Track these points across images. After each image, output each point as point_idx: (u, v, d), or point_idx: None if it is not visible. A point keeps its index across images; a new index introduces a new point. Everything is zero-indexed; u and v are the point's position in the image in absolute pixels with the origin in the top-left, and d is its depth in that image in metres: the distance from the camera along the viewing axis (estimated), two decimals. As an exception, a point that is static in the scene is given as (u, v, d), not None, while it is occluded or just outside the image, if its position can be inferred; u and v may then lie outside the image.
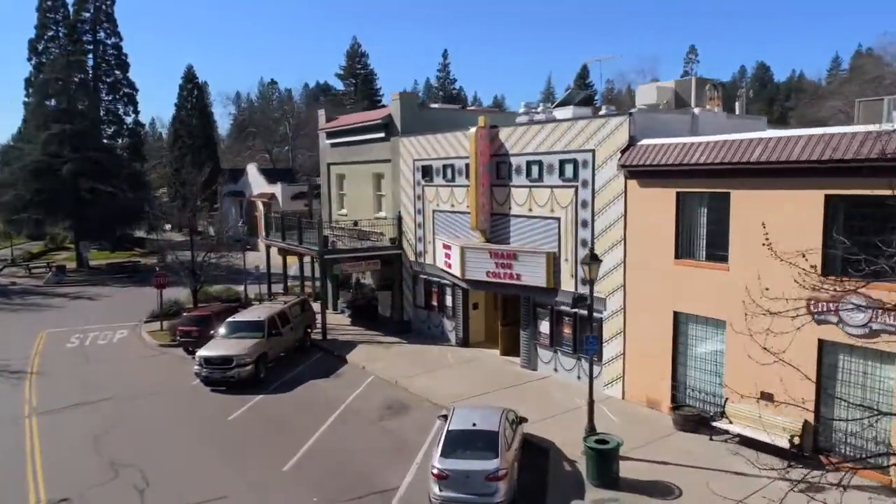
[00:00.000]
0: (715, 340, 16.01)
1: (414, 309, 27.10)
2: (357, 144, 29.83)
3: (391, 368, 22.17)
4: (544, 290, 20.23)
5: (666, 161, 16.14)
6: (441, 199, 24.75)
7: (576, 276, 19.33)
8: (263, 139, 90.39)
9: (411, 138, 26.06)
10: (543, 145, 19.94)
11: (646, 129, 17.49)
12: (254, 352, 21.32)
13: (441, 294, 25.35)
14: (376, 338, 26.36)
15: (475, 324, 24.70)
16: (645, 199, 17.11)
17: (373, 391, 20.30)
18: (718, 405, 15.89)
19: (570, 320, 19.73)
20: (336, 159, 32.04)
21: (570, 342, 19.76)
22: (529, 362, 21.30)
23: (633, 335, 17.75)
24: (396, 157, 27.15)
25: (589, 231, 18.77)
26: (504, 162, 21.53)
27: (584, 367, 19.29)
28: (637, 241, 17.35)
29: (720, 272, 15.51)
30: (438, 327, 25.79)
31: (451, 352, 23.82)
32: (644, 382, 17.62)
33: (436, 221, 25.18)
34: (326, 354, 24.71)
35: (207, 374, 20.95)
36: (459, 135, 23.40)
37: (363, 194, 30.11)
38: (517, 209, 21.20)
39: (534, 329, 21.02)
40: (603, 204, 18.24)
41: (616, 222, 17.90)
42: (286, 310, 24.36)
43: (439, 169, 24.65)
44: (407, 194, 26.76)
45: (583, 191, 18.83)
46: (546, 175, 19.97)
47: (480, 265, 21.55)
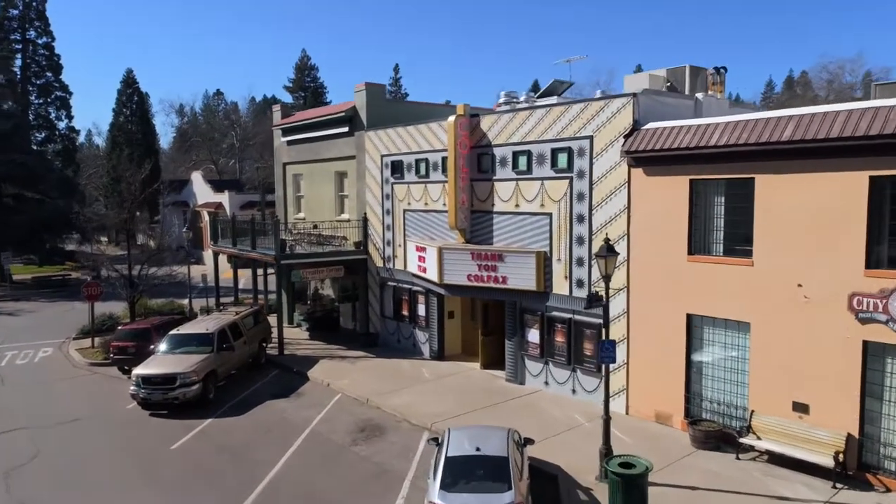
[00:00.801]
0: (736, 345, 14.22)
1: (381, 320, 24.67)
2: (317, 141, 27.37)
3: (360, 385, 19.68)
4: (534, 295, 18.19)
5: (678, 145, 14.38)
6: (413, 197, 22.53)
7: (570, 277, 17.36)
8: (209, 150, 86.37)
9: (379, 132, 23.81)
10: (533, 133, 18.01)
11: (649, 113, 15.75)
12: (201, 368, 18.51)
13: (412, 302, 23.04)
14: (339, 352, 23.80)
15: (451, 335, 22.45)
16: (652, 189, 15.31)
17: (341, 411, 17.76)
18: (742, 419, 14.07)
19: (563, 327, 17.71)
20: (293, 158, 29.46)
21: (564, 352, 17.73)
22: (516, 376, 19.16)
23: (639, 342, 15.85)
24: (362, 153, 24.83)
25: (586, 227, 16.86)
26: (486, 154, 19.51)
27: (580, 380, 17.29)
28: (643, 236, 15.52)
29: (742, 268, 13.77)
30: (409, 339, 23.42)
31: (426, 366, 21.48)
32: (652, 395, 15.69)
33: (407, 222, 22.92)
34: (284, 371, 22.02)
35: (146, 395, 18.03)
36: (435, 126, 21.30)
37: (323, 196, 27.61)
38: (501, 205, 19.16)
39: (521, 338, 18.93)
40: (602, 196, 16.37)
41: (618, 216, 16.05)
42: (238, 321, 21.59)
43: (411, 164, 22.45)
44: (374, 194, 24.43)
45: (578, 182, 16.94)
46: (536, 166, 18.02)
47: (461, 268, 19.38)
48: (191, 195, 59.93)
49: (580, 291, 17.10)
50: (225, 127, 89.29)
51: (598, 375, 16.90)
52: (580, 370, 17.39)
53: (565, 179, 17.25)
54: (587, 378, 17.24)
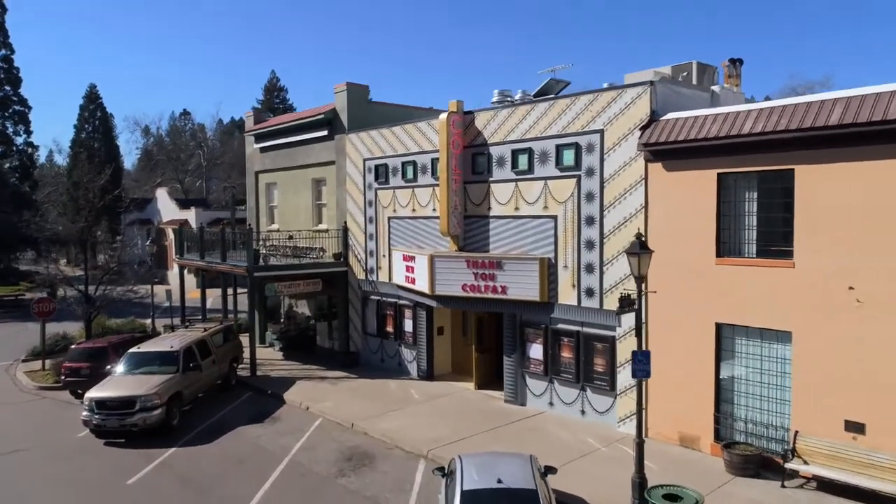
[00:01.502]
0: (775, 357, 12.71)
1: (363, 337, 22.74)
2: (293, 147, 25.55)
3: (343, 408, 17.71)
4: (537, 306, 16.54)
5: (705, 135, 12.98)
6: (399, 203, 20.82)
7: (578, 286, 15.76)
8: (175, 168, 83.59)
9: (361, 134, 22.13)
10: (534, 129, 16.51)
11: (665, 104, 14.39)
12: (165, 391, 16.37)
13: (398, 318, 21.20)
14: (318, 372, 21.78)
15: (441, 352, 20.64)
16: (673, 186, 13.86)
17: (323, 438, 15.77)
18: (783, 441, 12.52)
19: (570, 341, 16.06)
20: (266, 166, 27.55)
21: (572, 369, 16.06)
22: (516, 396, 17.40)
23: (659, 356, 14.22)
24: (342, 157, 23.09)
25: (596, 229, 15.33)
26: (482, 153, 17.95)
27: (590, 400, 15.62)
28: (662, 237, 14.02)
29: (781, 270, 12.33)
30: (394, 358, 21.53)
31: (414, 386, 19.59)
32: (675, 415, 14.08)
33: (392, 230, 21.17)
34: (258, 394, 19.91)
35: (100, 421, 15.83)
36: (424, 125, 19.71)
37: (299, 205, 25.73)
38: (499, 209, 17.55)
39: (521, 355, 17.22)
40: (615, 195, 14.89)
41: (633, 216, 14.55)
42: (207, 338, 19.48)
43: (397, 168, 20.78)
44: (355, 201, 22.66)
45: (587, 181, 15.44)
46: (538, 165, 16.50)
47: (455, 277, 17.66)
48: (155, 212, 57.38)
49: (590, 301, 15.51)
50: (191, 148, 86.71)
51: (611, 394, 15.25)
52: (590, 389, 15.72)
53: (572, 178, 15.74)
54: (599, 397, 15.57)
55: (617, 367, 15.07)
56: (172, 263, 52.16)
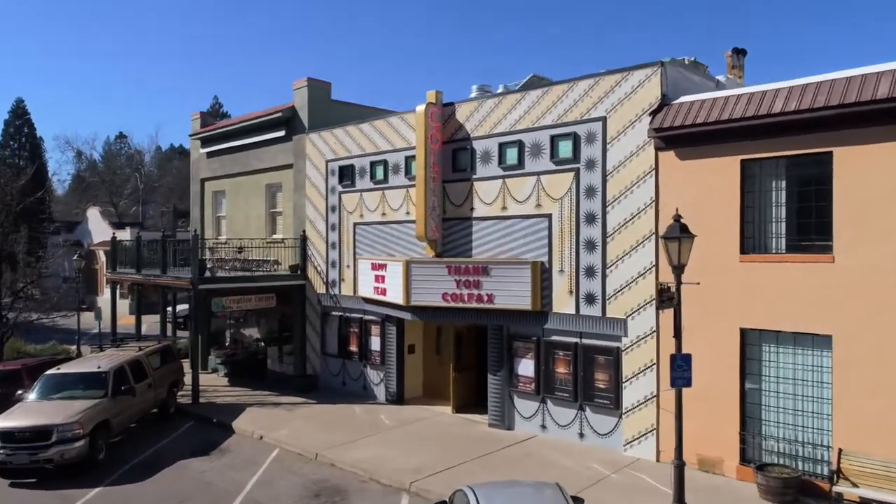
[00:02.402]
0: (812, 365, 11.24)
1: (322, 358, 20.39)
2: (245, 150, 23.28)
3: (303, 437, 15.33)
4: (528, 315, 14.75)
5: (729, 116, 11.62)
6: (367, 207, 18.82)
7: (577, 292, 14.07)
8: (108, 191, 78.90)
9: (324, 133, 20.14)
10: (525, 120, 14.94)
11: (676, 89, 13.06)
12: (88, 419, 13.69)
13: (364, 335, 19.01)
14: (270, 398, 19.27)
15: (412, 373, 18.52)
16: (688, 176, 12.43)
17: (283, 471, 13.38)
18: (823, 461, 10.98)
19: (567, 355, 14.29)
20: (214, 172, 25.11)
21: (569, 386, 14.25)
22: (502, 419, 15.44)
23: (673, 368, 12.60)
24: (301, 159, 20.99)
25: (598, 228, 13.74)
26: (463, 148, 16.24)
27: (590, 421, 13.82)
28: (676, 234, 12.50)
29: (817, 266, 10.94)
30: (359, 381, 19.26)
31: (384, 411, 17.37)
32: (692, 435, 12.34)
33: (359, 238, 19.11)
34: (201, 423, 17.28)
35: (5, 457, 13.03)
36: (396, 120, 17.91)
37: (251, 214, 23.36)
38: (483, 209, 15.81)
39: (509, 372, 15.33)
40: (620, 189, 13.37)
41: (642, 212, 13.03)
42: (142, 359, 16.81)
43: (365, 168, 18.84)
44: (316, 207, 20.53)
45: (587, 174, 13.89)
46: (530, 159, 14.88)
47: (434, 286, 15.71)
48: (85, 234, 53.33)
49: (591, 308, 13.82)
50: (127, 174, 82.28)
51: (614, 413, 13.50)
52: (590, 408, 13.93)
53: (569, 172, 14.17)
54: (600, 417, 13.79)
55: (622, 383, 13.36)
56: (103, 288, 48.25)
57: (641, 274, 13.03)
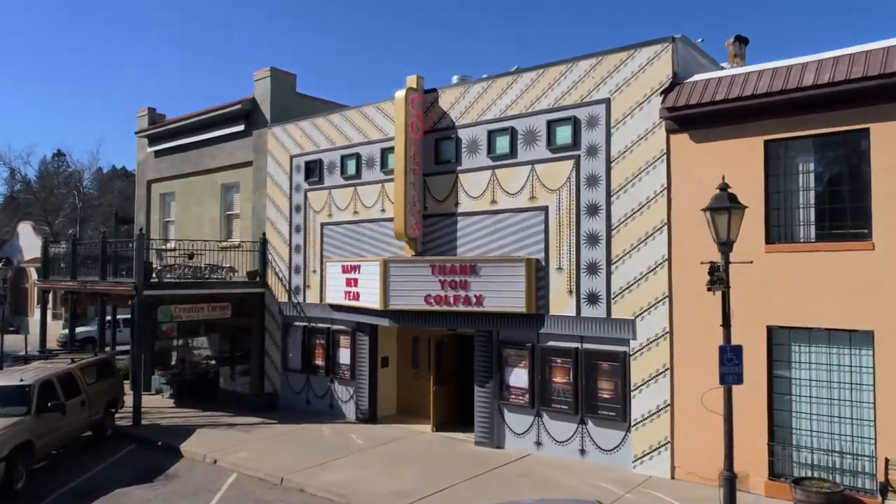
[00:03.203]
0: (850, 365, 10.12)
1: (283, 374, 18.43)
2: (198, 147, 21.35)
3: (265, 459, 13.39)
4: (521, 319, 13.32)
5: (751, 92, 10.60)
6: (337, 205, 17.17)
7: (577, 291, 12.73)
8: (43, 209, 74.38)
9: (289, 126, 18.47)
10: (518, 105, 13.68)
11: (687, 68, 12.04)
12: (6, 440, 11.48)
13: (331, 347, 17.20)
14: (224, 419, 17.18)
15: (385, 389, 16.78)
16: (704, 160, 11.32)
17: (243, 498, 11.43)
18: (866, 473, 9.81)
19: (566, 362, 12.87)
20: (162, 173, 23.01)
21: (568, 397, 12.81)
22: (491, 436, 13.86)
23: (689, 374, 11.35)
24: (262, 156, 19.23)
25: (602, 220, 12.48)
26: (448, 138, 14.86)
27: (592, 435, 12.40)
28: (691, 225, 11.35)
29: (855, 255, 9.90)
30: (325, 398, 17.38)
31: (355, 431, 15.54)
32: (712, 448, 11.04)
33: (327, 239, 17.40)
34: (144, 446, 15.09)
35: None
36: (371, 110, 16.43)
37: (204, 217, 21.34)
38: (470, 204, 14.40)
39: (498, 383, 13.80)
40: (626, 177, 12.17)
41: (652, 201, 11.85)
42: (75, 372, 14.59)
43: (335, 163, 17.23)
44: (278, 207, 18.74)
45: (589, 162, 12.67)
46: (523, 147, 13.60)
47: (416, 287, 14.14)
48: (16, 251, 49.69)
49: (593, 309, 12.49)
50: (64, 194, 77.88)
51: (621, 426, 12.11)
52: (593, 421, 12.51)
53: (568, 160, 12.93)
54: (605, 431, 12.37)
55: (630, 392, 12.00)
56: (34, 308, 44.64)
57: (652, 269, 11.79)
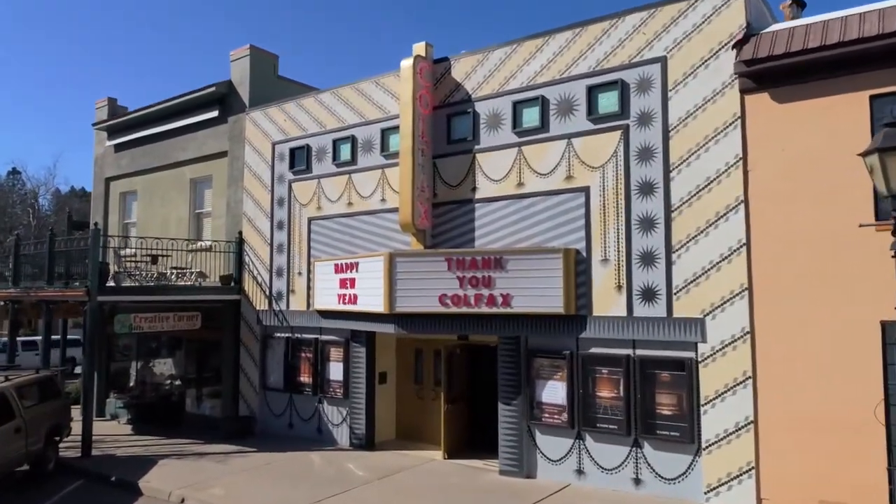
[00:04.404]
0: None
1: (262, 395, 15.87)
2: (165, 138, 18.86)
3: (247, 496, 10.86)
4: (557, 322, 11.14)
5: (855, 37, 8.73)
6: (327, 196, 14.86)
7: (628, 286, 10.62)
8: (-4, 225, 70.03)
9: (271, 109, 16.17)
10: (550, 70, 11.66)
11: (757, 21, 10.18)
12: None
13: (319, 361, 14.76)
14: (192, 447, 14.53)
15: (384, 409, 14.38)
16: (791, 123, 9.40)
17: (221, 550, 8.91)
18: None
19: (614, 373, 10.70)
20: (123, 169, 20.39)
21: (618, 414, 10.61)
22: (519, 464, 11.55)
23: (777, 383, 9.28)
24: (239, 145, 16.85)
25: (658, 200, 10.44)
26: (462, 113, 12.75)
27: (650, 461, 10.22)
28: (774, 202, 9.40)
29: None
30: (312, 421, 14.87)
31: (352, 459, 13.07)
32: (809, 474, 8.99)
33: (315, 236, 15.04)
34: (94, 482, 12.40)
35: None
36: (369, 85, 14.26)
37: (170, 217, 18.76)
38: (490, 188, 12.26)
39: (528, 399, 11.56)
40: (689, 147, 10.19)
41: (723, 175, 9.86)
42: (9, 393, 11.88)
43: (325, 149, 14.96)
44: (257, 202, 16.34)
45: (640, 132, 10.66)
46: (557, 119, 11.54)
47: (429, 285, 11.87)
48: (-41, 266, 45.65)
49: (649, 308, 10.38)
50: (19, 215, 73.65)
51: (688, 449, 9.95)
52: (650, 443, 10.32)
53: (614, 131, 10.91)
54: (666, 456, 10.18)
55: (700, 407, 9.87)
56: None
57: (725, 257, 9.76)
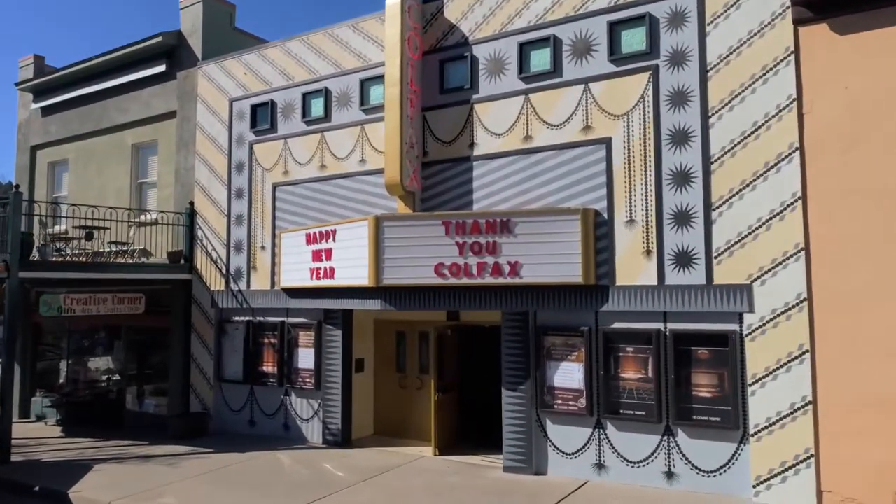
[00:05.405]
0: None
1: (217, 388, 13.85)
2: (101, 98, 16.57)
3: (205, 507, 8.98)
4: (573, 293, 9.66)
5: (937, -47, 7.54)
6: (296, 158, 12.99)
7: (659, 250, 9.22)
8: None
9: (229, 61, 14.18)
10: (563, 6, 10.15)
11: (802, -52, 8.93)
12: None
13: (286, 347, 12.88)
14: (134, 449, 12.43)
15: (361, 401, 12.63)
16: (855, 57, 8.16)
17: (177, 576, 7.03)
18: None
19: (642, 351, 9.29)
20: (52, 135, 17.93)
21: (647, 398, 9.20)
22: (527, 459, 10.02)
23: (841, 357, 8.02)
24: (190, 103, 14.76)
25: (696, 150, 9.07)
26: (458, 58, 11.13)
27: (683, 450, 8.89)
28: (837, 150, 8.14)
29: None
30: (277, 417, 12.98)
31: (328, 458, 11.27)
32: (883, 464, 7.76)
33: (281, 204, 13.15)
34: (13, 493, 10.24)
35: None
36: (346, 30, 12.47)
37: (107, 188, 16.46)
38: (491, 143, 10.68)
39: (537, 383, 10.03)
40: (732, 89, 8.85)
41: (773, 119, 8.56)
42: None
43: (293, 105, 13.08)
44: (212, 168, 14.31)
45: (673, 73, 9.27)
46: (571, 61, 10.05)
47: (423, 254, 10.20)
48: None
49: (684, 275, 9.00)
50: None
51: (731, 436, 8.61)
52: (685, 430, 8.94)
53: (641, 73, 9.49)
54: (704, 445, 8.81)
55: (747, 387, 8.54)
56: None
57: (776, 213, 8.45)
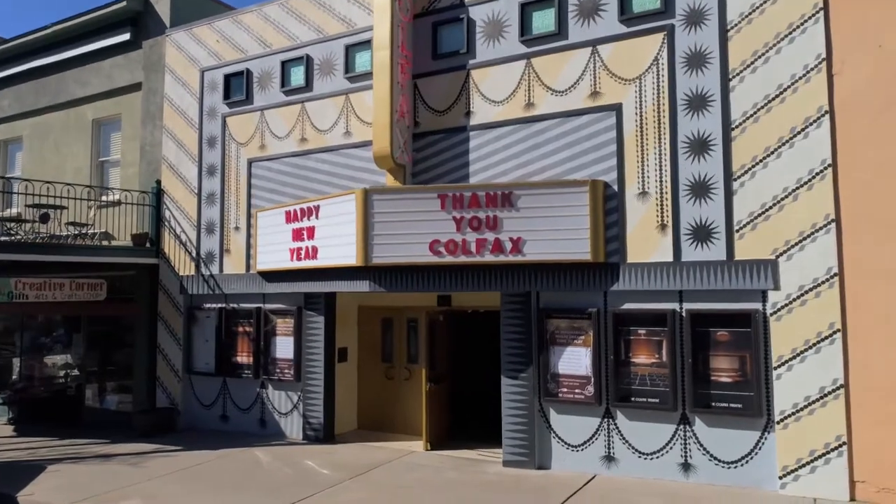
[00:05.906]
0: None
1: (186, 381, 12.80)
2: (59, 70, 15.38)
3: (175, 509, 8.01)
4: (580, 272, 8.93)
5: None
6: (273, 132, 12.02)
7: (675, 225, 8.53)
8: None
9: (200, 28, 13.13)
10: (568, -38, 9.43)
11: None
12: None
13: (263, 337, 11.91)
14: (94, 448, 11.35)
15: (344, 394, 11.73)
16: (890, 12, 7.57)
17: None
18: None
19: (655, 333, 8.59)
20: (4, 111, 16.63)
21: (661, 384, 8.50)
22: (529, 452, 9.25)
23: (874, 337, 7.43)
24: (157, 74, 13.67)
25: (714, 116, 8.40)
26: (453, 21, 10.31)
27: (700, 440, 8.26)
28: (869, 110, 7.55)
29: None
30: (252, 411, 12.00)
31: (310, 455, 10.36)
32: (921, 449, 7.19)
33: (258, 181, 12.17)
34: (-46, 498, 9.12)
35: None
36: (330, -8, 11.56)
37: (65, 168, 15.26)
38: (489, 112, 9.89)
39: (540, 370, 9.28)
40: (755, 49, 8.20)
41: (799, 81, 7.93)
42: None
43: (271, 74, 12.11)
44: (181, 143, 13.24)
45: (689, 33, 8.59)
46: (578, 22, 9.31)
47: (417, 230, 9.36)
48: None
49: (703, 250, 8.34)
50: None
51: (755, 424, 7.96)
52: (703, 419, 8.27)
53: (655, 34, 8.79)
54: (725, 434, 8.15)
55: (772, 370, 7.90)
56: None
57: (804, 182, 7.82)
